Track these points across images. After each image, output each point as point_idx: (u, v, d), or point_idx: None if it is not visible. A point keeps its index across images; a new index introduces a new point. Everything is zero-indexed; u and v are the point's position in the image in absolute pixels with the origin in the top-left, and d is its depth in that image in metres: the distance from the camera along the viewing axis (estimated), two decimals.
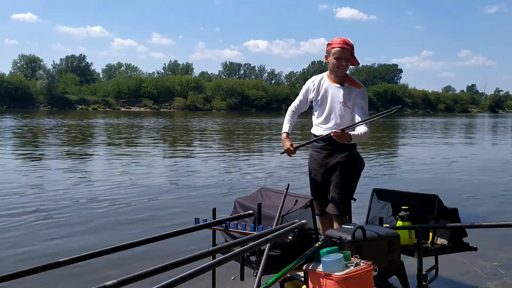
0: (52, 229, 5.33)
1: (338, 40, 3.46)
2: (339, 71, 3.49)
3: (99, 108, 73.49)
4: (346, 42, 3.45)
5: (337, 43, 3.44)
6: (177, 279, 1.98)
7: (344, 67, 3.46)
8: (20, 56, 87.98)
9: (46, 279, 3.70)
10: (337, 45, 3.44)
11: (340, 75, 3.52)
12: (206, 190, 7.84)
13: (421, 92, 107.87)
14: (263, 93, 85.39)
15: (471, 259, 4.26)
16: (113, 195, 7.24)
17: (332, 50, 3.45)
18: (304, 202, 3.20)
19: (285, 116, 3.84)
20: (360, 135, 3.39)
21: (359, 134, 3.38)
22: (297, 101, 3.77)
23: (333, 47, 3.45)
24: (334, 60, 3.45)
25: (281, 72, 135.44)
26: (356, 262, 2.58)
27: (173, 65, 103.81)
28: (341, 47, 3.42)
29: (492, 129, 35.65)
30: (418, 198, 3.64)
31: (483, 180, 9.55)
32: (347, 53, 3.44)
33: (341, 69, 3.46)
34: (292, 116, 3.79)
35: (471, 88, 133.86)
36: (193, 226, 3.20)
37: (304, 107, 3.76)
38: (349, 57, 3.47)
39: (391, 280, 3.15)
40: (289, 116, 3.79)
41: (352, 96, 3.49)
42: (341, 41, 3.44)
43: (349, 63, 3.50)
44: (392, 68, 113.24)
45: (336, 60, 3.45)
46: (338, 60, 3.44)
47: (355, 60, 3.54)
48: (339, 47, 3.43)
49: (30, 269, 2.30)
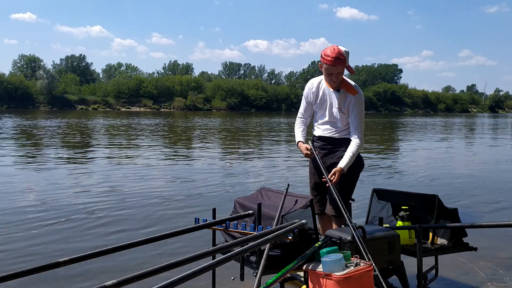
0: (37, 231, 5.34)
1: (330, 55, 3.30)
2: (332, 84, 3.47)
3: (99, 108, 73.49)
4: (338, 58, 3.29)
5: (328, 59, 3.30)
6: (177, 279, 1.98)
7: (335, 81, 3.43)
8: (20, 56, 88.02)
9: (46, 279, 3.70)
10: (328, 62, 3.31)
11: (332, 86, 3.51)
12: (206, 190, 7.83)
13: (421, 92, 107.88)
14: (263, 93, 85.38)
15: (471, 259, 4.26)
16: (112, 195, 7.24)
17: (324, 64, 3.36)
18: (304, 202, 3.20)
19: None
20: (351, 158, 3.39)
21: (348, 159, 3.38)
22: (302, 108, 3.77)
23: (325, 61, 3.34)
24: (326, 74, 3.43)
25: (281, 72, 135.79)
26: (356, 262, 2.58)
27: (173, 65, 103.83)
28: (332, 65, 3.31)
29: (492, 129, 35.66)
30: (418, 198, 3.64)
31: (483, 180, 9.55)
32: (338, 69, 3.35)
33: (332, 82, 3.44)
34: (300, 125, 3.76)
35: (471, 88, 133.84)
36: (193, 226, 3.20)
37: (310, 111, 3.74)
38: (341, 71, 3.38)
39: (391, 280, 3.15)
40: (297, 126, 3.77)
41: (347, 102, 3.46)
42: (333, 57, 3.28)
43: (341, 75, 3.42)
44: (392, 68, 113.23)
45: (328, 75, 3.41)
46: (330, 75, 3.40)
47: (350, 69, 3.42)
48: (330, 64, 3.31)
49: (30, 269, 2.30)
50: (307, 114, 3.76)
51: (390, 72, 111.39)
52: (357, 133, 3.47)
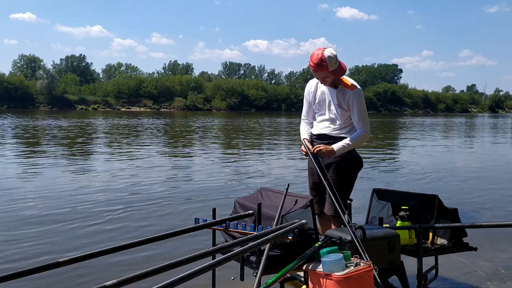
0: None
1: (312, 61, 3.32)
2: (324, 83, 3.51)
3: (99, 108, 73.51)
4: (319, 64, 3.28)
5: (311, 65, 3.35)
6: (177, 279, 1.98)
7: (324, 82, 3.46)
8: (20, 56, 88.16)
9: (46, 279, 3.70)
10: (311, 67, 3.36)
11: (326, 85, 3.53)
12: (206, 190, 7.83)
13: (421, 92, 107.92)
14: (263, 93, 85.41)
15: (471, 259, 4.26)
16: (112, 195, 7.24)
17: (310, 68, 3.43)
18: (304, 202, 3.20)
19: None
20: (347, 145, 3.41)
21: (343, 145, 3.40)
22: (304, 110, 3.79)
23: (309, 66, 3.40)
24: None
25: (281, 72, 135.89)
26: (356, 262, 2.58)
27: (173, 65, 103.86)
28: (314, 70, 3.36)
29: (492, 129, 35.66)
30: (418, 198, 3.64)
31: (483, 180, 9.54)
32: (321, 74, 3.37)
33: (323, 82, 3.49)
34: (305, 125, 3.79)
35: (471, 88, 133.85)
36: (193, 226, 3.20)
37: (312, 112, 3.75)
38: (326, 76, 3.37)
39: (391, 280, 3.15)
40: (301, 127, 3.80)
41: (346, 98, 3.47)
42: (314, 64, 3.30)
43: (329, 78, 3.41)
44: (392, 68, 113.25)
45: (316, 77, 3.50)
46: (317, 78, 3.48)
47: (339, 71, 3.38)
48: (312, 69, 3.36)
49: (30, 269, 2.30)
50: (310, 115, 3.77)
51: (390, 72, 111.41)
52: (360, 126, 3.48)
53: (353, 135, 3.47)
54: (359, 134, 3.46)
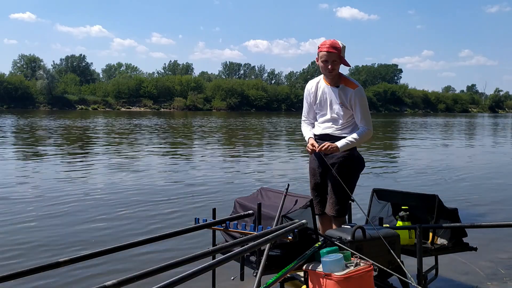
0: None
1: (326, 43, 3.42)
2: (328, 74, 3.49)
3: (99, 108, 73.49)
4: (333, 46, 3.40)
5: (324, 47, 3.41)
6: (177, 279, 1.98)
7: (331, 70, 3.44)
8: (20, 56, 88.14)
9: (46, 279, 3.70)
10: (324, 49, 3.41)
11: (330, 77, 3.52)
12: (206, 190, 7.83)
13: (421, 92, 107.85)
14: (263, 93, 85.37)
15: (471, 259, 4.26)
16: (112, 195, 7.24)
17: (320, 53, 3.45)
18: (304, 202, 3.20)
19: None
20: (351, 142, 3.44)
21: (347, 142, 3.43)
22: (305, 111, 3.80)
23: (320, 50, 3.44)
24: (322, 64, 3.46)
25: (281, 72, 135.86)
26: (356, 262, 2.58)
27: (173, 65, 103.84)
28: (327, 51, 3.40)
29: (492, 129, 35.65)
30: (418, 198, 3.64)
31: (483, 180, 9.54)
32: (333, 57, 3.40)
33: (328, 71, 3.46)
34: (307, 125, 3.80)
35: (471, 88, 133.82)
36: (193, 226, 3.20)
37: (313, 113, 3.76)
38: (337, 60, 3.42)
39: (391, 280, 3.15)
40: (303, 128, 3.82)
41: (348, 97, 3.48)
42: (329, 44, 3.40)
43: (338, 66, 3.45)
44: (392, 68, 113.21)
45: (323, 63, 3.45)
46: (325, 63, 3.43)
47: (346, 62, 3.47)
48: (325, 50, 3.40)
49: (30, 269, 2.30)
50: (311, 116, 3.78)
51: (390, 72, 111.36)
52: (363, 124, 3.50)
53: (357, 132, 3.49)
54: (363, 132, 3.49)
